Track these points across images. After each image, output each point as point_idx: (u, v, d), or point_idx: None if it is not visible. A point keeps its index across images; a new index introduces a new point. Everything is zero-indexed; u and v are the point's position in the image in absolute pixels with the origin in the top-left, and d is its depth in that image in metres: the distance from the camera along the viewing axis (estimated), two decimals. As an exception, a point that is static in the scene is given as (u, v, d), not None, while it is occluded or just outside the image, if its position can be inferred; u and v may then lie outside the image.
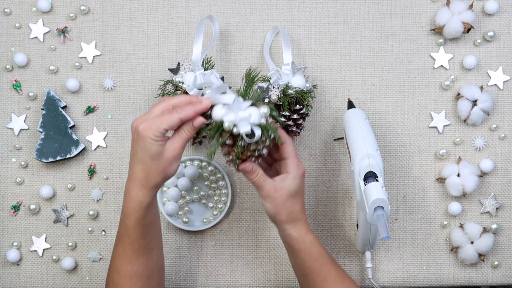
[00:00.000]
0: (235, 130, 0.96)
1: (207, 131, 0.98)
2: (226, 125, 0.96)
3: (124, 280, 1.02)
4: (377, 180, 1.01)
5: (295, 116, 1.13)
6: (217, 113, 0.96)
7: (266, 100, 1.12)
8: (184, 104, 0.97)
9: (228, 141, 0.97)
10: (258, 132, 0.96)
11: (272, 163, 1.08)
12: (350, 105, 1.14)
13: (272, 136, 0.98)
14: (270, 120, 0.98)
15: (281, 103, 1.11)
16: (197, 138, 1.18)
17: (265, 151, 0.99)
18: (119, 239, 1.03)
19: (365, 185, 1.01)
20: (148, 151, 0.96)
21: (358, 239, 1.14)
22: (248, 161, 1.00)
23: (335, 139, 1.20)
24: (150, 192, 0.98)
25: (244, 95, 0.99)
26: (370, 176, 1.02)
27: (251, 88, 1.00)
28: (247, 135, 0.96)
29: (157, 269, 1.06)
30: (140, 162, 0.97)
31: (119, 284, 1.03)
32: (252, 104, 0.98)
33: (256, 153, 0.99)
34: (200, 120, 0.97)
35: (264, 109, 0.97)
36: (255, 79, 1.01)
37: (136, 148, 0.97)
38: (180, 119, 0.96)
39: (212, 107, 0.97)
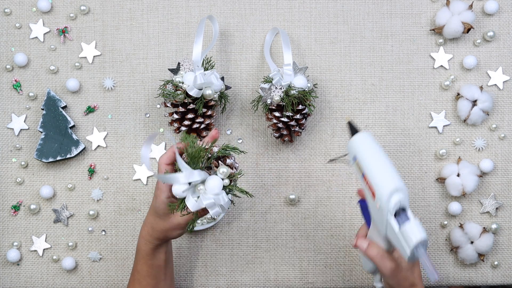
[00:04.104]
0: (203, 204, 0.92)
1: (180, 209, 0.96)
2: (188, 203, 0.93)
3: None
4: (404, 210, 0.93)
5: (298, 116, 1.13)
6: (177, 191, 0.93)
7: (269, 101, 1.12)
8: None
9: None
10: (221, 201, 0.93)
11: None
12: (353, 128, 0.99)
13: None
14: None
15: (284, 103, 1.12)
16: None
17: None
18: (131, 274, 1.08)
19: (398, 224, 0.92)
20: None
21: (366, 261, 1.04)
22: (359, 238, 0.99)
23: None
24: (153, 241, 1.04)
25: (194, 166, 0.94)
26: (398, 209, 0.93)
27: (197, 163, 0.95)
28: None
29: None
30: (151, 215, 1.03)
31: None
32: (207, 167, 0.95)
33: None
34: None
35: (223, 169, 0.93)
36: (201, 157, 0.94)
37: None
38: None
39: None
